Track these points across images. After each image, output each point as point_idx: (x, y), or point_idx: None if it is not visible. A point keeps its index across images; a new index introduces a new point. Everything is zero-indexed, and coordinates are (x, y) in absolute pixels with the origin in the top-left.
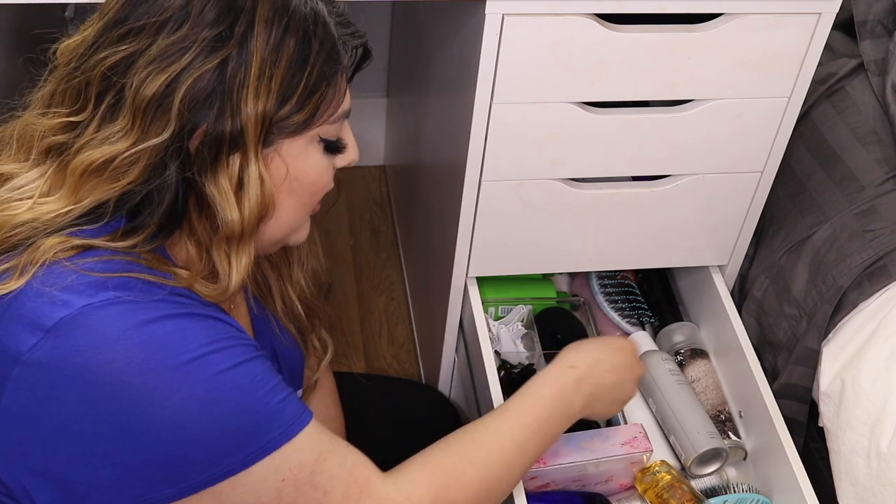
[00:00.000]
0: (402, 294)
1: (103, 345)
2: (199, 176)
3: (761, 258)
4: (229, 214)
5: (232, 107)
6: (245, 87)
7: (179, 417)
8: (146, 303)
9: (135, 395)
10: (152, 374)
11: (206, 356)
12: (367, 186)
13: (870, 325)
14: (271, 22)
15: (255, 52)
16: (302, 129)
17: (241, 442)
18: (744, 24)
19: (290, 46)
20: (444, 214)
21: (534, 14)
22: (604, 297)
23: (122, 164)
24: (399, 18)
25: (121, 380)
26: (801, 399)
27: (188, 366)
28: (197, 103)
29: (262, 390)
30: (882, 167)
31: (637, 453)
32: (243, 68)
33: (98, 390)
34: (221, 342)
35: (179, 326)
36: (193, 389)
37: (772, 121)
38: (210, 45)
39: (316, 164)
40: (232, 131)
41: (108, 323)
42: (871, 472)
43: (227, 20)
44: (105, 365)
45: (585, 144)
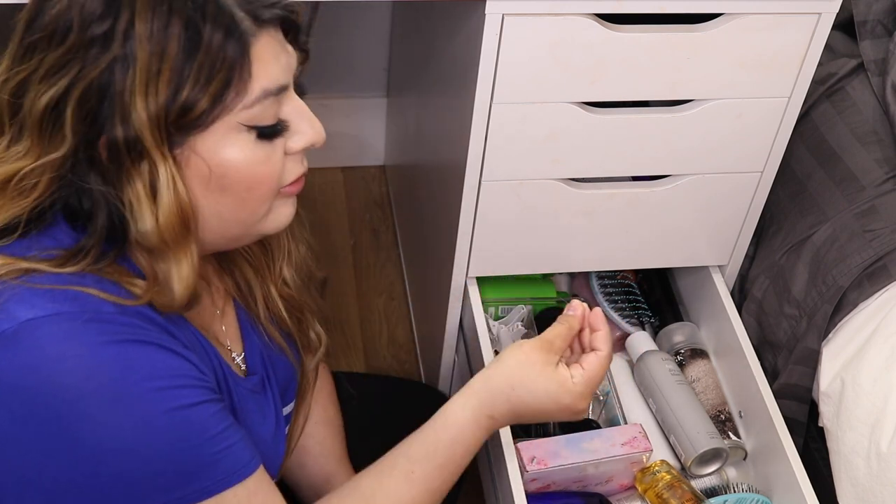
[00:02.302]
0: (402, 294)
1: (42, 364)
2: (114, 187)
3: (761, 258)
4: (144, 224)
5: (123, 111)
6: (133, 88)
7: (108, 449)
8: (94, 323)
9: (67, 419)
10: (87, 400)
11: (146, 392)
12: (367, 186)
13: (870, 325)
14: (153, 10)
15: (138, 48)
16: (209, 121)
17: (165, 487)
18: (744, 24)
19: (176, 34)
20: (444, 214)
21: (534, 14)
22: (604, 297)
23: (28, 180)
24: (399, 18)
25: (55, 403)
26: (801, 399)
27: (125, 398)
28: (90, 113)
29: (198, 440)
30: (882, 167)
31: (637, 453)
32: (131, 68)
33: (30, 410)
34: (166, 380)
35: (124, 354)
36: (127, 422)
37: (772, 121)
38: (96, 49)
39: (245, 156)
40: (127, 137)
41: (50, 341)
42: (871, 472)
43: (110, 16)
44: (41, 385)
45: (585, 144)
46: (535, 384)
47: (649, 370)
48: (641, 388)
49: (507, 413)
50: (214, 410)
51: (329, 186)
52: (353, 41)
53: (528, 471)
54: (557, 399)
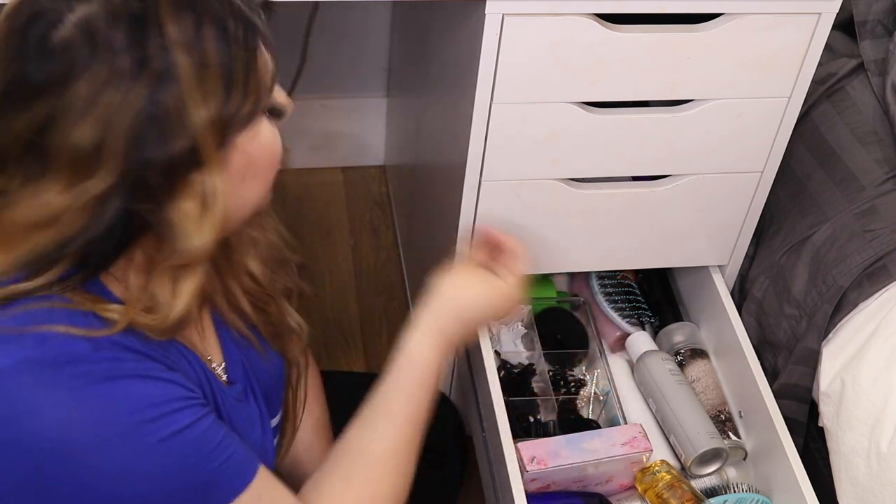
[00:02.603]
0: (402, 294)
1: (20, 416)
2: (158, 207)
3: (761, 258)
4: (191, 240)
5: (179, 126)
6: (185, 101)
7: (108, 493)
8: (68, 366)
9: (58, 472)
10: (75, 449)
11: (133, 428)
12: (367, 186)
13: (870, 325)
14: (181, 21)
15: (180, 62)
16: (253, 116)
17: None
18: (744, 24)
19: (209, 38)
20: (444, 214)
21: (534, 14)
22: (604, 297)
23: (65, 218)
24: (399, 18)
25: (41, 456)
26: (801, 399)
27: (113, 440)
28: (139, 138)
29: (194, 460)
30: (882, 167)
31: (637, 453)
32: (175, 83)
33: (16, 466)
34: (152, 409)
35: (104, 394)
36: (120, 464)
37: (772, 121)
38: (132, 75)
39: (269, 137)
40: (187, 150)
41: (24, 391)
42: (871, 472)
43: (138, 40)
44: (22, 438)
45: (585, 144)
46: (475, 298)
47: (649, 370)
48: (641, 388)
49: (460, 331)
50: (207, 426)
51: (329, 186)
52: (353, 41)
53: (528, 471)
54: (496, 297)
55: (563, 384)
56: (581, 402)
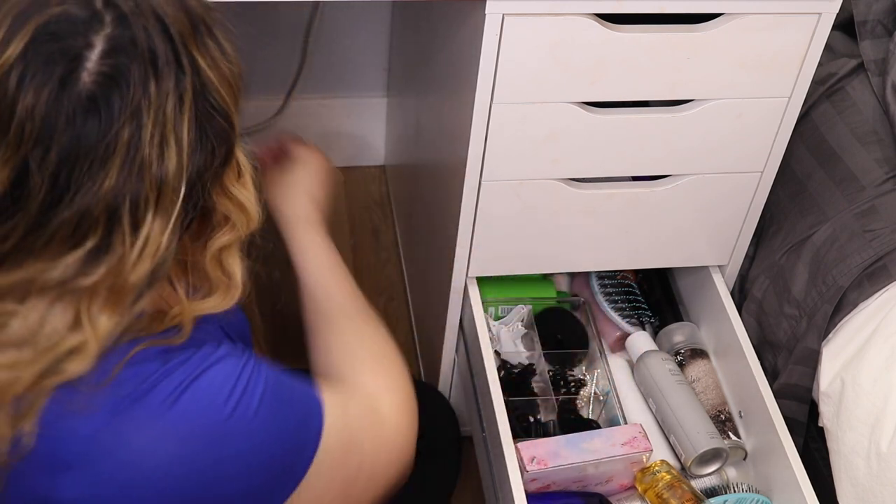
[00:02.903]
0: (402, 294)
1: (137, 461)
2: (212, 196)
3: (761, 258)
4: (250, 213)
5: (216, 111)
6: (213, 86)
7: (236, 478)
8: (148, 393)
9: (189, 482)
10: (195, 457)
11: (231, 413)
12: (367, 186)
13: (870, 325)
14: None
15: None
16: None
17: (295, 458)
18: (744, 24)
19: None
20: (444, 214)
21: (534, 14)
22: (604, 297)
23: (164, 253)
24: (399, 18)
25: (169, 476)
26: (801, 399)
27: (221, 431)
28: (196, 141)
29: (286, 402)
30: (882, 167)
31: (637, 453)
32: (209, 80)
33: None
34: (237, 388)
35: (195, 398)
36: (238, 448)
37: (772, 121)
38: (175, 84)
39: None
40: (227, 132)
41: (123, 442)
42: (871, 472)
43: (173, 57)
44: (151, 472)
45: (585, 144)
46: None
47: (649, 370)
48: (641, 388)
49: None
50: (270, 369)
51: None
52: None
53: (528, 471)
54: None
55: (563, 384)
56: (581, 402)
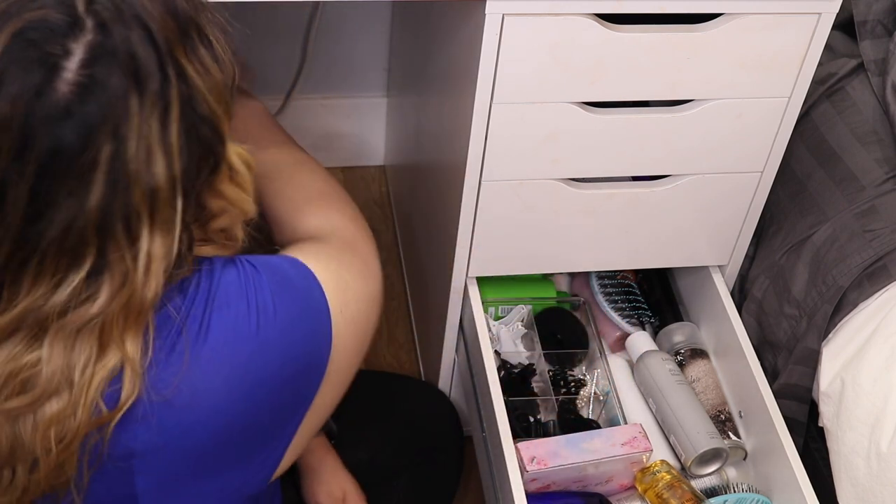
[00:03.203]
0: (402, 294)
1: (194, 403)
2: (205, 198)
3: (761, 258)
4: (245, 207)
5: (203, 116)
6: (214, 112)
7: (296, 362)
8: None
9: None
10: (252, 367)
11: (258, 325)
12: (367, 186)
13: (870, 325)
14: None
15: (191, 74)
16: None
17: (319, 327)
18: (744, 24)
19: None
20: (444, 214)
21: (534, 14)
22: (604, 297)
23: (172, 262)
24: (399, 18)
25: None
26: (801, 399)
27: (257, 341)
28: (182, 152)
29: (290, 289)
30: (882, 167)
31: (637, 453)
32: (198, 97)
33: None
34: (249, 295)
35: (222, 321)
36: (274, 352)
37: (772, 121)
38: (161, 93)
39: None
40: (215, 136)
41: (182, 380)
42: (871, 472)
43: (158, 66)
44: (209, 413)
45: (585, 144)
46: None
47: (649, 370)
48: (641, 388)
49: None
50: (262, 262)
51: None
52: (353, 41)
53: (528, 471)
54: None
55: (563, 384)
56: (581, 402)
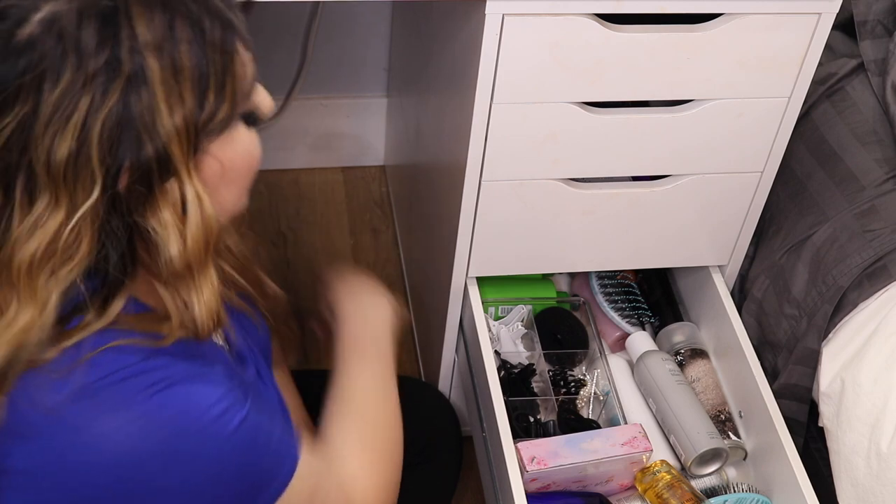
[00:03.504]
0: (402, 294)
1: (88, 443)
2: (139, 216)
3: (761, 258)
4: (171, 249)
5: (149, 132)
6: (155, 107)
7: (194, 491)
8: (123, 381)
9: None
10: (158, 456)
11: (206, 426)
12: (367, 186)
13: (870, 325)
14: (152, 21)
15: (151, 65)
16: (228, 123)
17: (253, 497)
18: (744, 24)
19: (183, 40)
20: (444, 214)
21: (534, 14)
22: (604, 297)
23: (67, 242)
24: (399, 18)
25: (116, 472)
26: (801, 399)
27: (191, 440)
28: (113, 143)
29: (261, 441)
30: (882, 167)
31: (637, 453)
32: (146, 87)
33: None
34: (216, 406)
35: (172, 401)
36: (201, 464)
37: (772, 121)
38: (102, 78)
39: (245, 144)
40: (158, 157)
41: (86, 420)
42: (871, 472)
43: (108, 41)
44: (99, 461)
45: (585, 144)
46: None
47: (649, 370)
48: (641, 388)
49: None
50: (255, 415)
51: (329, 186)
52: (353, 41)
53: (528, 471)
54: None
55: (563, 384)
56: (581, 402)
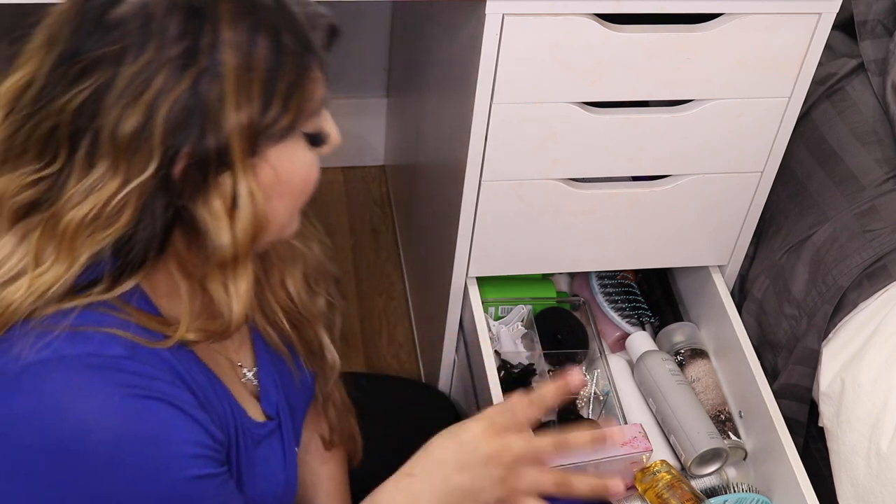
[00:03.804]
0: (402, 294)
1: (41, 413)
2: (190, 201)
3: (761, 258)
4: (221, 238)
5: (213, 123)
6: (223, 100)
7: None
8: (103, 370)
9: (68, 473)
10: (91, 458)
11: (156, 456)
12: (367, 186)
13: (870, 325)
14: (237, 22)
15: (227, 61)
16: (289, 133)
17: None
18: (744, 24)
19: (262, 45)
20: (444, 214)
21: (534, 14)
22: (604, 297)
23: (112, 210)
24: (399, 18)
25: (55, 455)
26: (801, 399)
27: (131, 460)
28: (177, 127)
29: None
30: (882, 167)
31: (637, 453)
32: (218, 80)
33: (27, 463)
34: (175, 445)
35: (133, 410)
36: (133, 484)
37: (772, 121)
38: (179, 64)
39: (303, 163)
40: (217, 148)
41: (53, 387)
42: (871, 472)
43: (192, 32)
44: (42, 435)
45: (585, 144)
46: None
47: (649, 370)
48: (641, 388)
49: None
50: (221, 483)
51: (329, 186)
52: (353, 41)
53: None
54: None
55: None
56: (581, 402)
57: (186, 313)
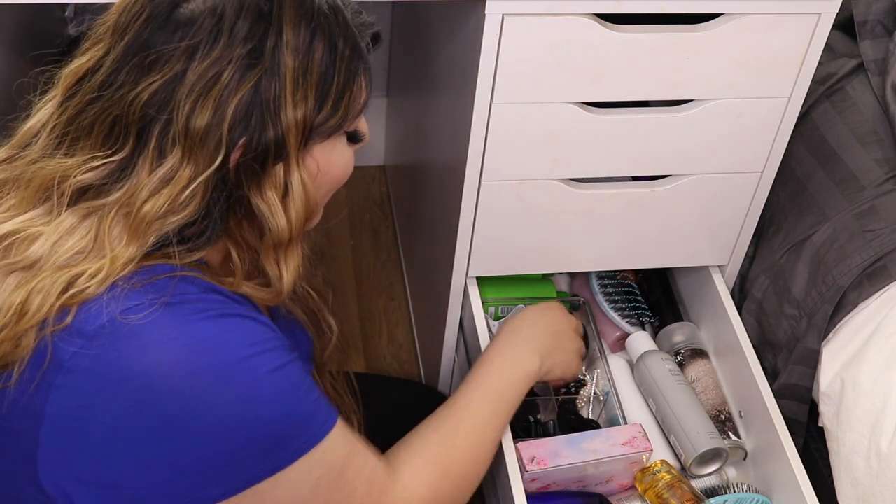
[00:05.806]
0: (402, 294)
1: (147, 348)
2: (247, 189)
3: (761, 258)
4: (278, 222)
5: (272, 118)
6: (283, 97)
7: (225, 419)
8: (181, 304)
9: (181, 398)
10: (197, 377)
11: (248, 358)
12: (367, 186)
13: (870, 325)
14: (298, 27)
15: (287, 62)
16: (335, 131)
17: (282, 442)
18: (744, 24)
19: (319, 49)
20: (444, 214)
21: (534, 14)
22: (604, 297)
23: (185, 199)
24: (399, 18)
25: (166, 383)
26: (801, 399)
27: (231, 368)
28: (241, 121)
29: (299, 392)
30: (882, 167)
31: (637, 453)
32: (278, 79)
33: (144, 394)
34: (259, 345)
35: (222, 329)
36: (237, 392)
37: (772, 121)
38: (245, 63)
39: (343, 157)
40: (275, 141)
41: (151, 327)
42: (871, 472)
43: (258, 34)
44: (150, 369)
45: (585, 144)
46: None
47: (649, 370)
48: (641, 388)
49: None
50: (300, 365)
51: None
52: None
53: (528, 471)
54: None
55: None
56: (581, 402)
57: (240, 276)
